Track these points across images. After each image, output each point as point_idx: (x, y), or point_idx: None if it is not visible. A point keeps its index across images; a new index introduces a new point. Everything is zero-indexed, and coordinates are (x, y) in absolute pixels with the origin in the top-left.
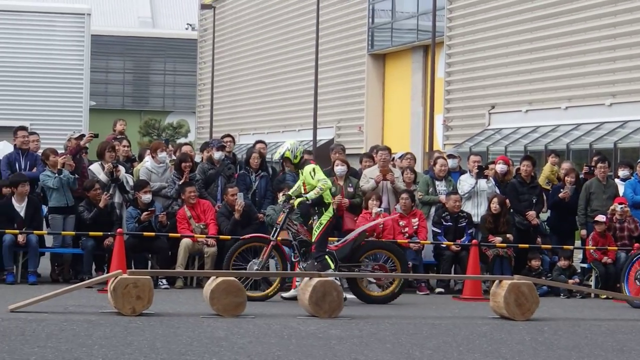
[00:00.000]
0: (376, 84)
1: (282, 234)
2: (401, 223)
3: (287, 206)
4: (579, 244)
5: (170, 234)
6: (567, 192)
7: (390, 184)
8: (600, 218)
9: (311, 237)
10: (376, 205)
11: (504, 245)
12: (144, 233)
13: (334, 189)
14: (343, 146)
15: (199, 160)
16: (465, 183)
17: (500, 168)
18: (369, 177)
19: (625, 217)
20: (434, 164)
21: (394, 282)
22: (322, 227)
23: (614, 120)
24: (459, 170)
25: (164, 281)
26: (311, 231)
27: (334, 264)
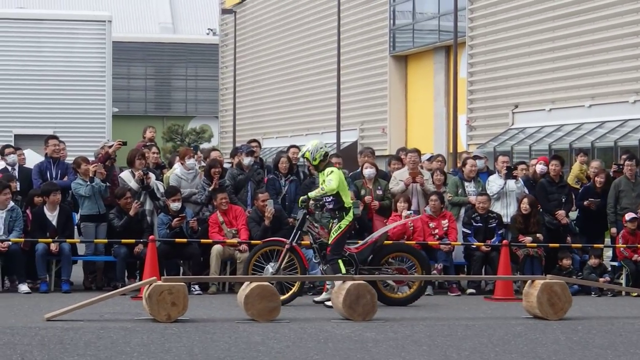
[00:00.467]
0: (398, 85)
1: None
2: (431, 225)
3: (303, 209)
4: (608, 242)
5: (202, 240)
6: (593, 203)
7: (419, 186)
8: (630, 216)
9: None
10: (405, 207)
11: (534, 245)
12: (176, 239)
13: (363, 192)
14: (372, 149)
15: (227, 165)
16: (494, 184)
17: (540, 169)
18: (398, 180)
19: None
20: (463, 165)
21: (415, 284)
22: (340, 230)
23: (638, 118)
24: (486, 171)
25: (196, 287)
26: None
27: (354, 267)
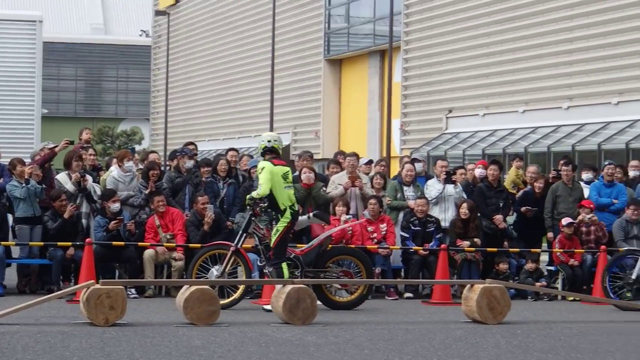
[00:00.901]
0: (332, 89)
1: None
2: (369, 229)
3: (249, 211)
4: (545, 246)
5: (139, 243)
6: (530, 211)
7: (358, 190)
8: (567, 221)
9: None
10: (344, 211)
11: (472, 249)
12: (113, 242)
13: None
14: (310, 153)
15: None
16: (433, 188)
17: (479, 172)
18: (337, 184)
19: (593, 222)
20: (402, 169)
21: (359, 288)
22: (278, 233)
23: (571, 124)
24: (424, 175)
25: (132, 290)
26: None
27: (299, 269)
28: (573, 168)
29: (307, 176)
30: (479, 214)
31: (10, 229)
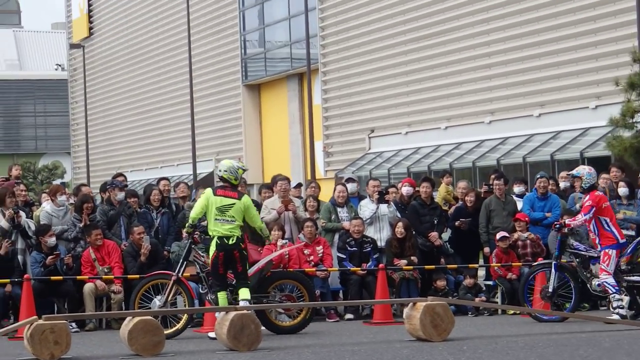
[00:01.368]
0: (253, 114)
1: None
2: (306, 251)
3: (189, 238)
4: (482, 262)
5: (77, 277)
6: (464, 224)
7: (292, 214)
8: (501, 235)
9: (239, 267)
10: (279, 236)
11: (410, 267)
12: (51, 277)
13: None
14: (244, 180)
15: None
16: (367, 208)
17: (406, 191)
18: (269, 208)
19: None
20: (334, 190)
21: (302, 312)
22: (210, 261)
23: (494, 138)
24: (357, 196)
25: (73, 324)
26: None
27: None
28: (505, 182)
29: None
30: (414, 232)
31: None
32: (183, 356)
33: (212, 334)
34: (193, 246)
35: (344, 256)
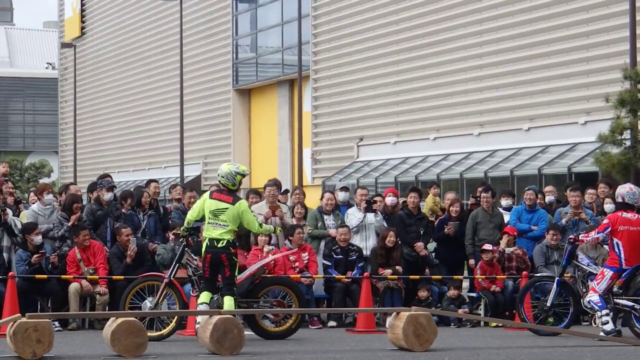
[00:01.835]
0: (242, 119)
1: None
2: (291, 258)
3: (183, 241)
4: (466, 273)
5: (62, 276)
6: (452, 227)
7: (279, 220)
8: (488, 247)
9: (227, 272)
10: (266, 242)
11: (394, 277)
12: (36, 275)
13: None
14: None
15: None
16: (353, 217)
17: (390, 200)
18: (257, 213)
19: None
20: (321, 198)
21: (291, 318)
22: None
23: (483, 150)
24: (347, 204)
25: (56, 323)
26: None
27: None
28: (492, 194)
29: None
30: (400, 242)
31: None
32: (165, 358)
33: None
34: (186, 249)
35: (329, 264)
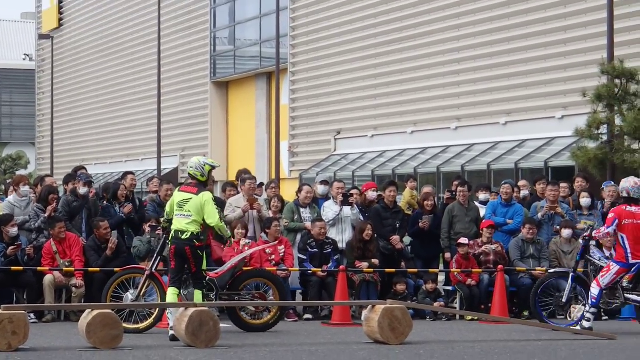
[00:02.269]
0: (220, 111)
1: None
2: (268, 251)
3: (163, 234)
4: (442, 267)
5: (38, 268)
6: (426, 222)
7: (256, 213)
8: (464, 241)
9: (192, 267)
10: (243, 234)
11: (370, 270)
12: (12, 267)
13: None
14: (213, 178)
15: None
16: (330, 210)
17: (372, 195)
18: (234, 206)
19: (491, 242)
20: (299, 190)
21: (272, 310)
22: None
23: (460, 144)
24: (326, 197)
25: (32, 315)
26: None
27: (214, 292)
28: (469, 188)
29: None
30: (376, 235)
31: None
32: (140, 351)
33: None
34: (168, 241)
35: (305, 257)
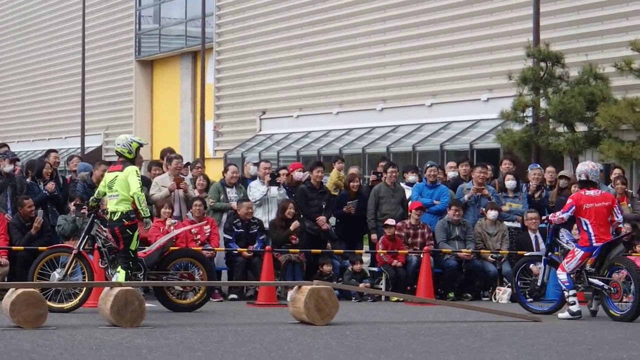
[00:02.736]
0: (144, 90)
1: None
2: (193, 230)
3: (90, 213)
4: (367, 248)
5: None
6: (351, 207)
7: (182, 192)
8: (391, 222)
9: (121, 245)
10: (169, 214)
11: (296, 250)
12: None
13: None
14: (141, 157)
15: None
16: (257, 190)
17: (300, 175)
18: (160, 185)
19: (419, 223)
20: (225, 170)
21: (199, 290)
22: None
23: (385, 125)
24: (250, 177)
25: None
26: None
27: (142, 271)
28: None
29: None
30: (302, 216)
31: None
32: (66, 329)
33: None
34: (96, 220)
35: (231, 237)
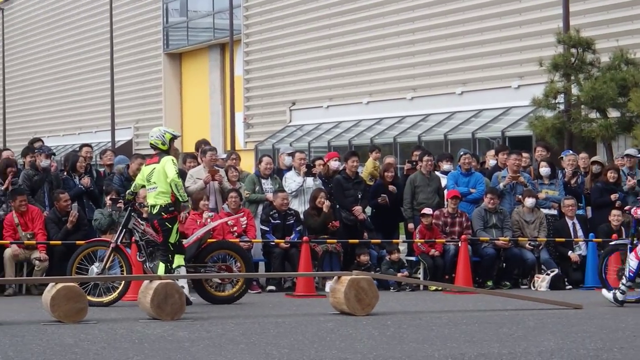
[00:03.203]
0: (173, 83)
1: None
2: (230, 222)
3: (127, 206)
4: (404, 237)
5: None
6: (385, 199)
7: (217, 184)
8: (428, 211)
9: (160, 238)
10: (207, 205)
11: (333, 241)
12: None
13: None
14: (177, 150)
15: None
16: (292, 181)
17: (336, 165)
18: (195, 178)
19: (457, 212)
20: (259, 162)
21: (238, 282)
22: None
23: (416, 114)
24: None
25: None
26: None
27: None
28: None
29: None
30: (338, 206)
31: None
32: (106, 323)
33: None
34: (133, 214)
35: (267, 228)
